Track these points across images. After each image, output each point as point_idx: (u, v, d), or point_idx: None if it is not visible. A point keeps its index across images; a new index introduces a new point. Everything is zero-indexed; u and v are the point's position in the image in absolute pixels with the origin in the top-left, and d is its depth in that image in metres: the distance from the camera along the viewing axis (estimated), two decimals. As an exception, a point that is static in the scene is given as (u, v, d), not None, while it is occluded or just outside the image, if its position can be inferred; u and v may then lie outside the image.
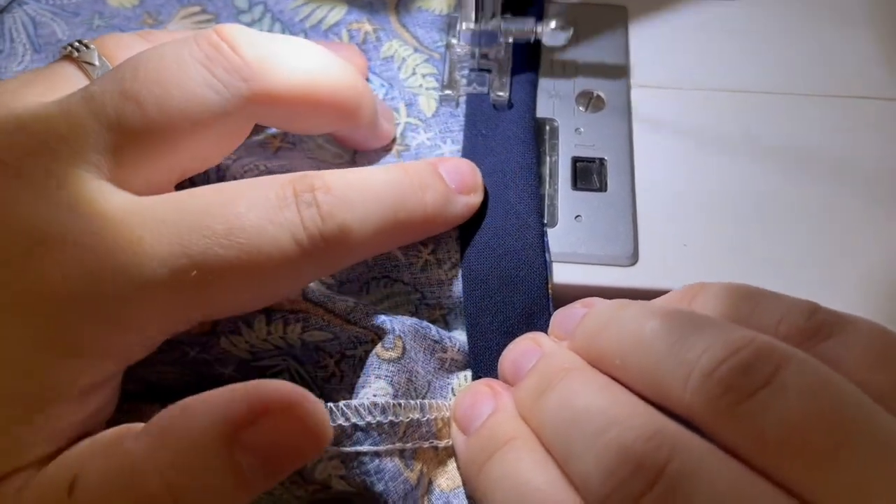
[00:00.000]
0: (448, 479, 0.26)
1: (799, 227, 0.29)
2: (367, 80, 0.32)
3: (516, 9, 0.33)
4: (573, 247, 0.29)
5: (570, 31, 0.30)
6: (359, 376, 0.25)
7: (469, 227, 0.28)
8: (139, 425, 0.21)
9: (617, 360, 0.22)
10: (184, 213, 0.22)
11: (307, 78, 0.25)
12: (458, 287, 0.27)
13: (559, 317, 0.26)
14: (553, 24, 0.30)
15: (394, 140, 0.31)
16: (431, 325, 0.27)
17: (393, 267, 0.28)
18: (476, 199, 0.27)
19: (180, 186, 0.25)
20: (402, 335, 0.25)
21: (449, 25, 0.32)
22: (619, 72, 0.33)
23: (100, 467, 0.20)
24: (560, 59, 0.33)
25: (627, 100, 0.32)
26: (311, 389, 0.24)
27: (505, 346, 0.26)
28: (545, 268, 0.27)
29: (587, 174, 0.30)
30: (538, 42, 0.33)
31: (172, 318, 0.22)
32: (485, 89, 0.31)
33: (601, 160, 0.31)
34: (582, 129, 0.31)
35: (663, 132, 0.31)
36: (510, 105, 0.31)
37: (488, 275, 0.27)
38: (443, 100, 0.31)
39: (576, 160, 0.31)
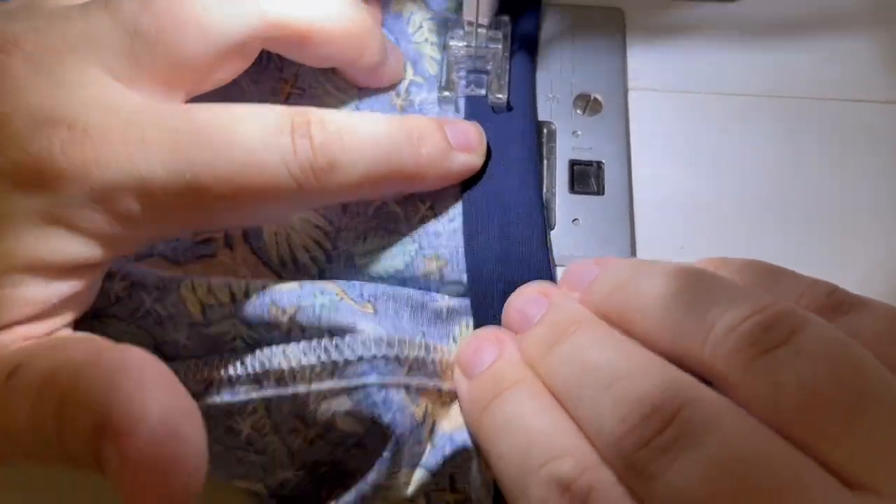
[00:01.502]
0: (450, 422, 0.26)
1: (797, 230, 0.29)
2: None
3: (515, 10, 0.33)
4: (570, 250, 0.29)
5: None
6: (321, 327, 0.25)
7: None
8: (97, 341, 0.22)
9: (637, 315, 0.22)
10: (188, 122, 0.23)
11: (320, 9, 0.27)
12: (456, 239, 0.28)
13: (572, 270, 0.26)
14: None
15: (398, 95, 0.31)
16: (409, 290, 0.27)
17: (392, 219, 0.28)
18: (476, 159, 0.28)
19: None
20: (371, 299, 0.26)
21: (447, 27, 0.32)
22: (617, 75, 0.33)
23: (39, 367, 0.21)
24: (558, 62, 0.33)
25: (625, 103, 0.32)
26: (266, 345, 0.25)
27: (507, 294, 0.26)
28: (545, 230, 0.28)
29: (584, 177, 0.30)
30: (535, 43, 0.33)
31: (163, 219, 0.23)
32: (483, 91, 0.31)
33: (598, 163, 0.31)
34: (579, 133, 0.31)
35: (661, 135, 0.32)
36: (509, 107, 0.31)
37: (490, 242, 0.27)
38: (441, 101, 0.31)
39: (573, 163, 0.31)
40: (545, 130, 0.31)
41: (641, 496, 0.19)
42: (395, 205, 0.28)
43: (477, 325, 0.27)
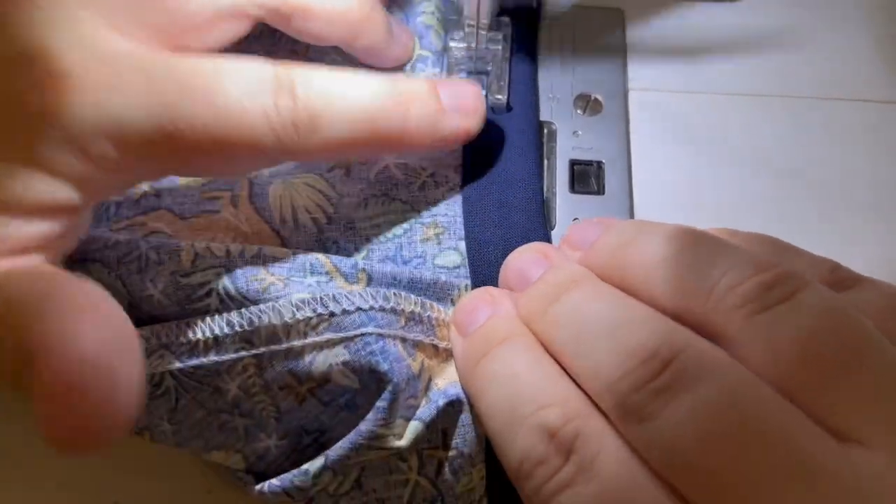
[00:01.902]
0: (445, 380, 0.26)
1: (797, 229, 0.29)
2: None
3: (514, 11, 0.33)
4: None
5: None
6: (307, 291, 0.25)
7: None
8: (58, 274, 0.22)
9: (639, 274, 0.22)
10: (171, 69, 0.23)
11: None
12: (455, 207, 0.28)
13: (575, 230, 0.26)
14: None
15: (403, 70, 0.32)
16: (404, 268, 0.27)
17: (392, 185, 0.28)
18: (472, 122, 0.27)
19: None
20: (366, 266, 0.26)
21: (447, 28, 0.32)
22: (617, 75, 0.33)
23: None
24: (558, 63, 0.33)
25: (625, 103, 0.32)
26: (238, 308, 0.25)
27: (504, 255, 0.26)
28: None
29: (585, 177, 0.30)
30: (536, 44, 0.33)
31: (140, 164, 0.23)
32: (483, 92, 0.31)
33: (599, 163, 0.31)
34: (580, 132, 0.31)
35: (661, 135, 0.32)
36: (509, 108, 0.31)
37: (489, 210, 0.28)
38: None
39: (573, 163, 0.31)
40: (546, 130, 0.31)
41: (632, 439, 0.20)
42: (397, 171, 0.29)
43: (475, 285, 0.27)
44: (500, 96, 0.31)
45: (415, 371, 0.25)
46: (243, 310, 0.25)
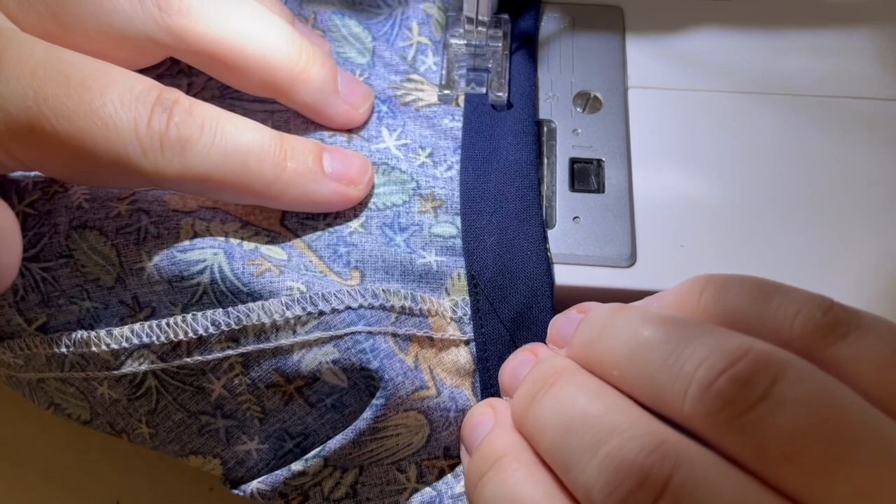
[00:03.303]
0: (446, 371, 0.26)
1: (796, 227, 0.30)
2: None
3: (514, 9, 0.33)
4: (571, 248, 0.29)
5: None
6: (301, 280, 0.25)
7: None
8: None
9: (615, 371, 0.22)
10: (57, 57, 0.23)
11: (233, 35, 0.25)
12: (452, 185, 0.29)
13: (556, 324, 0.26)
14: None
15: (405, 59, 0.32)
16: (397, 247, 0.27)
17: (393, 159, 0.29)
18: (353, 191, 0.27)
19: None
20: (358, 265, 0.26)
21: (447, 25, 0.32)
22: (617, 73, 0.33)
23: None
24: (557, 60, 0.33)
25: (625, 101, 0.32)
26: (228, 292, 0.25)
27: (498, 242, 0.27)
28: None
29: (585, 175, 0.30)
30: (535, 41, 0.33)
31: (2, 149, 0.23)
32: (483, 89, 0.31)
33: (599, 161, 0.31)
34: (579, 131, 0.31)
35: (661, 133, 0.32)
36: (509, 105, 0.31)
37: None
38: (441, 100, 0.31)
39: (573, 161, 0.31)
40: (545, 128, 0.31)
41: None
42: (398, 152, 0.29)
43: (469, 273, 0.27)
44: (500, 93, 0.31)
45: (409, 365, 0.25)
46: (230, 308, 0.25)
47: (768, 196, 0.30)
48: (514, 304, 0.27)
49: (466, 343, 0.27)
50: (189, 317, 0.25)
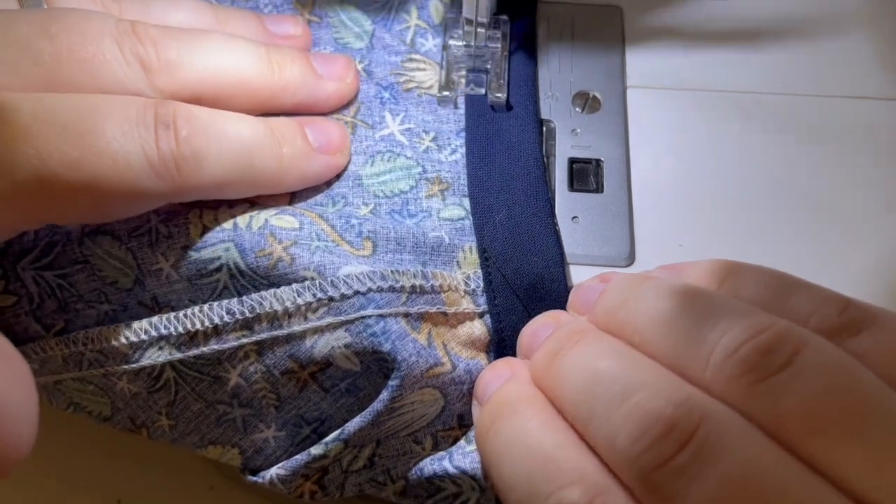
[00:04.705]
0: (461, 345, 0.26)
1: (795, 227, 0.30)
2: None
3: (511, 9, 0.33)
4: (570, 248, 0.29)
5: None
6: (314, 262, 0.25)
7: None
8: None
9: (636, 338, 0.22)
10: (46, 110, 0.22)
11: (208, 75, 0.26)
12: (457, 167, 0.29)
13: (577, 292, 0.26)
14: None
15: (404, 41, 0.32)
16: (409, 222, 0.28)
17: (398, 145, 0.29)
18: (338, 159, 0.28)
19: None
20: (371, 235, 0.26)
21: (445, 27, 0.32)
22: (616, 73, 0.33)
23: None
24: (556, 60, 0.33)
25: (624, 101, 0.32)
26: (249, 284, 0.25)
27: (508, 217, 0.27)
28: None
29: (584, 175, 0.31)
30: (534, 42, 0.33)
31: (18, 209, 0.23)
32: (482, 90, 0.31)
33: (598, 161, 0.31)
34: (578, 131, 0.32)
35: (659, 133, 0.32)
36: (509, 106, 0.31)
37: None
38: (440, 101, 0.31)
39: (572, 161, 0.31)
40: (544, 129, 0.31)
41: None
42: (402, 137, 0.29)
43: (480, 247, 0.27)
44: (499, 94, 0.31)
45: (423, 343, 0.25)
46: (244, 297, 0.25)
47: (767, 196, 0.30)
48: (526, 275, 0.27)
49: (481, 315, 0.27)
50: (205, 307, 0.25)
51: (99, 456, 0.31)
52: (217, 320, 0.25)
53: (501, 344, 0.27)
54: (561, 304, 0.27)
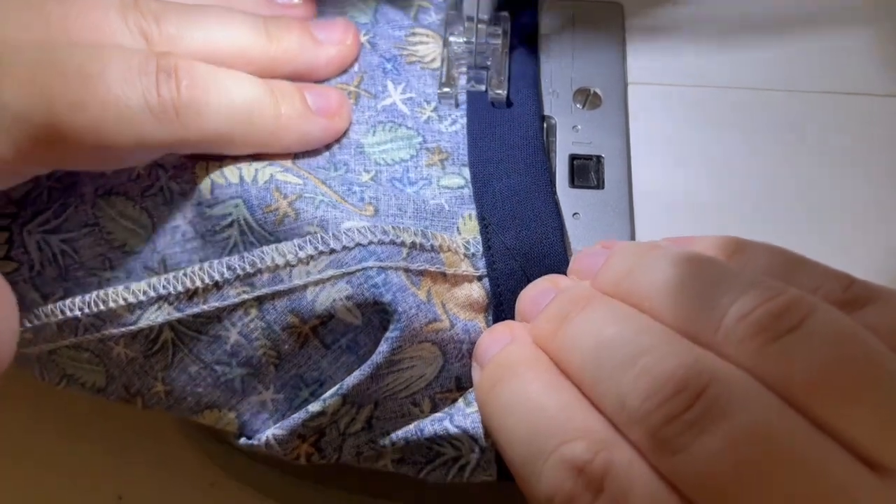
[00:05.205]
0: (459, 306, 0.27)
1: (796, 224, 0.30)
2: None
3: (512, 5, 0.33)
4: (571, 244, 0.29)
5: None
6: (317, 216, 0.26)
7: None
8: None
9: (646, 303, 0.22)
10: (46, 57, 0.24)
11: (210, 46, 0.27)
12: (457, 138, 0.30)
13: (580, 257, 0.26)
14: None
15: (408, 15, 0.33)
16: (410, 190, 0.28)
17: (399, 115, 0.30)
18: (337, 123, 0.29)
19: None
20: (373, 201, 0.27)
21: (446, 23, 0.32)
22: (617, 69, 0.33)
23: None
24: (557, 57, 0.33)
25: (624, 97, 0.32)
26: (257, 241, 0.26)
27: (507, 186, 0.28)
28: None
29: (584, 171, 0.31)
30: (535, 38, 0.33)
31: (26, 154, 0.23)
32: (483, 87, 0.31)
33: (598, 157, 0.31)
34: (579, 127, 0.32)
35: (660, 129, 0.32)
36: (509, 103, 0.31)
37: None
38: (441, 98, 0.31)
39: (573, 157, 0.31)
40: (545, 125, 0.31)
41: (664, 470, 0.19)
42: (403, 107, 0.30)
43: (480, 214, 0.28)
44: (499, 91, 0.31)
45: (422, 299, 0.25)
46: (245, 253, 0.25)
47: (767, 192, 0.30)
48: (525, 241, 0.27)
49: (479, 279, 0.27)
50: (206, 264, 0.26)
51: (99, 453, 0.31)
52: (217, 277, 0.25)
53: (499, 307, 0.27)
54: (559, 269, 0.27)
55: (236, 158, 0.27)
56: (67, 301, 0.26)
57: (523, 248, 0.27)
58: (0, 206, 0.27)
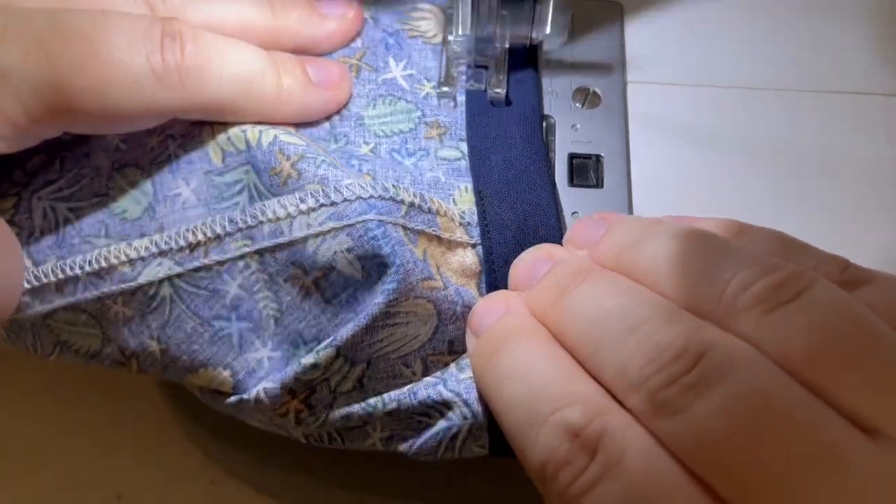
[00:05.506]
0: (452, 271, 0.27)
1: (795, 223, 0.29)
2: None
3: (513, 5, 0.33)
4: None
5: (566, 36, 0.31)
6: (318, 174, 0.26)
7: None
8: None
9: (647, 276, 0.22)
10: (53, 22, 0.24)
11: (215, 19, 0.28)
12: (456, 114, 0.30)
13: (578, 226, 0.27)
14: (549, 28, 0.30)
15: None
16: (406, 164, 0.29)
17: (398, 88, 0.30)
18: (338, 94, 0.29)
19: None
20: (370, 172, 0.27)
21: (446, 21, 0.32)
22: (616, 68, 0.33)
23: None
24: (556, 56, 0.33)
25: (623, 96, 0.32)
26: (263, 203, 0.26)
27: (503, 160, 0.28)
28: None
29: (584, 171, 0.31)
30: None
31: (32, 116, 0.24)
32: (482, 86, 0.31)
33: (597, 157, 0.31)
34: (578, 126, 0.32)
35: (659, 128, 0.32)
36: (508, 102, 0.31)
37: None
38: (440, 97, 0.31)
39: (572, 157, 0.31)
40: (544, 124, 0.32)
41: (661, 433, 0.19)
42: (403, 82, 0.31)
43: (476, 184, 0.28)
44: (498, 90, 0.31)
45: (419, 256, 0.25)
46: (247, 207, 0.26)
47: (767, 191, 0.30)
48: (519, 212, 0.28)
49: (473, 246, 0.27)
50: (208, 220, 0.26)
51: (99, 451, 0.31)
52: (219, 230, 0.26)
53: (492, 274, 0.27)
54: (553, 241, 0.27)
55: (241, 124, 0.28)
56: (68, 260, 0.26)
57: (517, 220, 0.27)
58: (15, 176, 0.28)
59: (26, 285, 0.26)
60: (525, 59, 0.32)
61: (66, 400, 0.32)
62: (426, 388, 0.26)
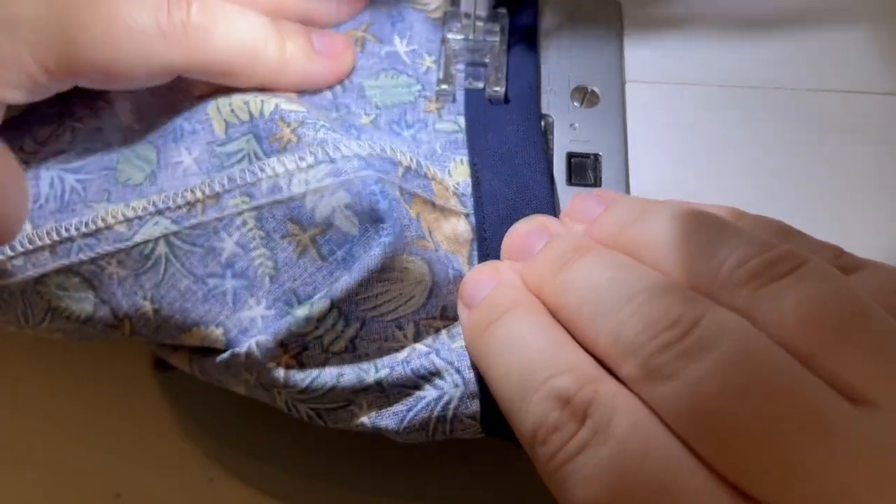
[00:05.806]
0: (443, 237, 0.27)
1: (794, 222, 0.29)
2: None
3: (512, 3, 0.33)
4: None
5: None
6: (317, 138, 0.26)
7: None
8: None
9: (646, 253, 0.23)
10: None
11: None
12: (458, 94, 0.31)
13: (577, 201, 0.27)
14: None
15: None
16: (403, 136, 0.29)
17: (400, 62, 0.31)
18: (341, 65, 0.30)
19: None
20: (368, 140, 0.27)
21: (444, 20, 0.32)
22: (614, 67, 0.33)
23: None
24: (555, 55, 0.33)
25: (622, 95, 0.32)
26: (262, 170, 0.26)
27: (499, 136, 0.29)
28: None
29: (582, 170, 0.31)
30: (535, 35, 0.33)
31: (42, 67, 0.25)
32: (481, 84, 0.31)
33: (596, 156, 0.31)
34: (576, 125, 0.31)
35: (658, 127, 0.32)
36: (506, 100, 0.31)
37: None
38: (439, 95, 0.31)
39: (570, 156, 0.31)
40: (542, 123, 0.31)
41: (651, 399, 0.20)
42: (406, 57, 0.31)
43: (471, 158, 0.29)
44: (497, 88, 0.31)
45: (413, 217, 0.26)
46: (246, 166, 0.26)
47: (765, 191, 0.30)
48: (513, 185, 0.28)
49: (466, 216, 0.28)
50: (206, 179, 0.26)
51: (98, 450, 0.31)
52: (218, 188, 0.26)
53: (483, 243, 0.27)
54: (546, 213, 0.27)
55: (244, 91, 0.28)
56: (64, 223, 0.26)
57: (511, 192, 0.28)
58: (26, 145, 0.28)
59: (20, 249, 0.26)
60: (525, 57, 0.32)
61: (66, 399, 0.32)
62: (419, 358, 0.26)
